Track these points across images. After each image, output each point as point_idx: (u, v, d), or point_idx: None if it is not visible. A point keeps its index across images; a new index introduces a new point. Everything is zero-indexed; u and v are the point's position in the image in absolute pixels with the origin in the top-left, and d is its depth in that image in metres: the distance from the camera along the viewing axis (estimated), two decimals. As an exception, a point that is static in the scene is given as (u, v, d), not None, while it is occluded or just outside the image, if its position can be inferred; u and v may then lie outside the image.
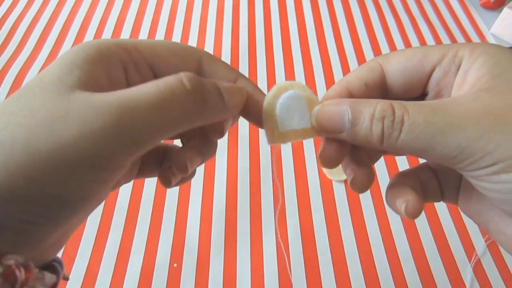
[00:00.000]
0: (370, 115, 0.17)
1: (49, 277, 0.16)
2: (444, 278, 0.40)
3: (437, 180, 0.22)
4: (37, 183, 0.13)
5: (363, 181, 0.20)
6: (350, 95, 0.20)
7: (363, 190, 0.21)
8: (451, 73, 0.18)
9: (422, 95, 0.20)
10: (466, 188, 0.21)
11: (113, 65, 0.17)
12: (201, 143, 0.22)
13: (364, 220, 0.43)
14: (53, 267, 0.17)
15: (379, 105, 0.17)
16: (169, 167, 0.22)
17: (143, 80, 0.18)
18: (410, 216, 0.19)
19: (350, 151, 0.21)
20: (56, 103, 0.14)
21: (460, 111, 0.16)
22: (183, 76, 0.16)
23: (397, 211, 0.20)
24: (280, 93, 0.20)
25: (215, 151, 0.23)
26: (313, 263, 0.40)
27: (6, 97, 0.54)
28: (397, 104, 0.17)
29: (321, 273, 0.40)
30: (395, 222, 0.43)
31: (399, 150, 0.17)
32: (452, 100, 0.17)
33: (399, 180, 0.21)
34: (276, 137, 0.20)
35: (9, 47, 0.61)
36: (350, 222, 0.43)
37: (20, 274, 0.14)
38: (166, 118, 0.15)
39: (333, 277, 0.39)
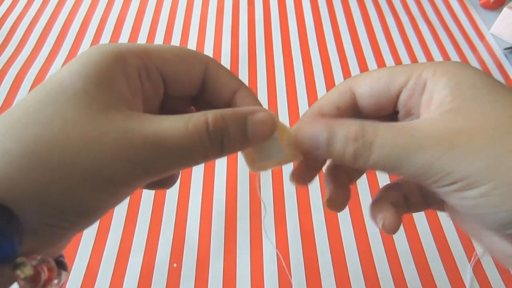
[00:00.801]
0: (343, 137, 0.18)
1: (64, 274, 0.17)
2: (444, 278, 0.40)
3: (421, 192, 0.23)
4: (71, 194, 0.15)
5: (339, 200, 0.22)
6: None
7: (339, 209, 0.23)
8: (416, 94, 0.19)
9: (394, 113, 0.21)
10: None
11: (129, 74, 0.18)
12: None
13: (364, 220, 0.43)
14: (61, 263, 0.18)
15: (351, 127, 0.18)
16: None
17: (153, 85, 0.19)
18: (387, 232, 0.21)
19: (330, 171, 0.23)
20: (91, 121, 0.15)
21: (423, 133, 0.17)
22: (210, 120, 0.17)
23: (377, 225, 0.22)
24: None
25: None
26: (313, 264, 0.40)
27: (6, 97, 0.54)
28: (368, 126, 0.18)
29: (321, 274, 0.40)
30: (395, 222, 0.43)
31: (372, 169, 0.18)
32: (418, 122, 0.18)
33: (382, 195, 0.23)
34: (256, 169, 0.21)
35: (9, 47, 0.61)
36: (350, 223, 0.43)
37: (44, 274, 0.15)
38: (188, 158, 0.17)
39: (333, 277, 0.39)
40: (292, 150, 0.20)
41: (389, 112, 0.21)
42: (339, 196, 0.22)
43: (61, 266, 0.18)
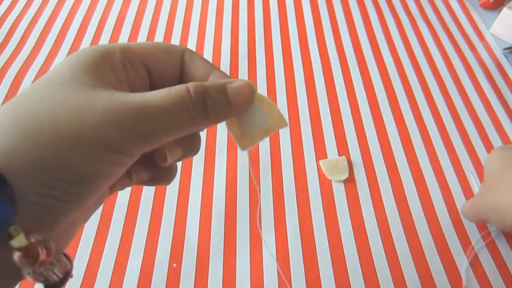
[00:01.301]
0: None
1: (65, 261, 0.17)
2: (444, 279, 0.40)
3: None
4: (63, 159, 0.15)
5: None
6: None
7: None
8: None
9: None
10: None
11: (115, 65, 0.19)
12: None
13: (363, 220, 0.43)
14: (66, 256, 0.18)
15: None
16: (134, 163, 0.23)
17: (139, 75, 0.21)
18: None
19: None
20: (80, 96, 0.17)
21: None
22: (190, 86, 0.18)
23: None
24: None
25: (198, 146, 0.24)
26: (313, 264, 0.40)
27: (6, 96, 0.54)
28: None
29: (320, 274, 0.40)
30: (395, 222, 0.43)
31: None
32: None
33: None
34: (245, 144, 0.22)
35: (8, 47, 0.61)
36: (350, 223, 0.43)
37: (42, 253, 0.15)
38: (175, 121, 0.18)
39: (333, 277, 0.39)
40: (276, 118, 0.21)
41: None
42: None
43: (66, 258, 0.18)
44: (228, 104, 0.19)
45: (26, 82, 0.56)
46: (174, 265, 0.40)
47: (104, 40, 0.63)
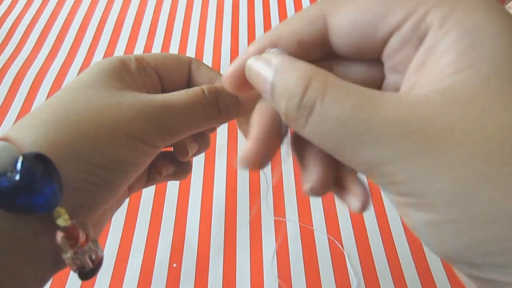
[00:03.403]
0: (284, 86, 0.13)
1: (101, 250, 0.18)
2: (444, 278, 0.40)
3: None
4: (100, 148, 0.17)
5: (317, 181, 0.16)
6: None
7: (318, 193, 0.16)
8: (410, 46, 0.13)
9: (377, 62, 0.15)
10: None
11: (133, 73, 0.21)
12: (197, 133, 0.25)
13: (363, 220, 0.43)
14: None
15: (294, 73, 0.13)
16: (161, 159, 0.25)
17: (152, 82, 0.23)
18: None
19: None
20: (110, 95, 0.19)
21: (387, 117, 0.12)
22: (205, 88, 0.21)
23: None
24: None
25: (209, 142, 0.27)
26: (313, 264, 0.40)
27: (6, 96, 0.54)
28: (317, 79, 0.12)
29: (320, 274, 0.40)
30: (395, 222, 0.43)
31: (310, 140, 0.14)
32: (387, 97, 0.12)
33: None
34: None
35: (9, 47, 0.61)
36: (350, 222, 0.43)
37: (82, 235, 0.17)
38: (193, 117, 0.20)
39: (333, 278, 0.39)
40: None
41: (372, 57, 0.15)
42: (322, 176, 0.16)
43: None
44: (238, 102, 0.22)
45: (26, 82, 0.56)
46: (174, 265, 0.40)
47: (104, 40, 0.63)
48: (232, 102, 0.22)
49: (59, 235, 0.16)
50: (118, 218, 0.43)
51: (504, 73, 0.11)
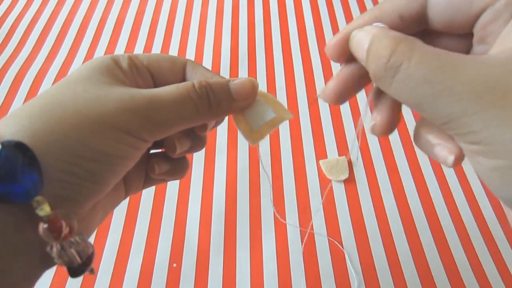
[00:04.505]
0: (375, 50, 0.16)
1: (91, 247, 0.18)
2: (444, 278, 0.40)
3: None
4: (84, 139, 0.17)
5: (385, 124, 0.19)
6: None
7: (385, 133, 0.20)
8: (501, 20, 0.15)
9: (469, 34, 0.18)
10: None
11: (124, 70, 0.21)
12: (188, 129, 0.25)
13: (363, 220, 0.43)
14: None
15: (385, 40, 0.15)
16: (155, 156, 0.25)
17: (145, 81, 0.22)
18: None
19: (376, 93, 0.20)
20: (98, 89, 0.18)
21: (468, 76, 0.14)
22: (196, 82, 0.20)
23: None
24: None
25: (204, 140, 0.26)
26: (313, 263, 0.40)
27: (6, 96, 0.54)
28: (404, 44, 0.15)
29: (320, 274, 0.40)
30: (395, 221, 0.43)
31: (395, 97, 0.16)
32: (471, 58, 0.14)
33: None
34: (255, 138, 0.23)
35: (9, 47, 0.61)
36: (350, 222, 0.43)
37: (65, 227, 0.16)
38: (182, 111, 0.20)
39: (333, 278, 0.39)
40: (281, 110, 0.23)
41: (464, 31, 0.17)
42: (385, 119, 0.19)
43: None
44: (231, 98, 0.21)
45: (26, 82, 0.56)
46: (174, 265, 0.40)
47: (104, 40, 0.63)
48: (224, 97, 0.21)
49: (41, 226, 0.16)
50: (118, 218, 0.43)
51: None
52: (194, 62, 0.24)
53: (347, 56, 0.19)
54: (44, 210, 0.16)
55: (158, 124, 0.19)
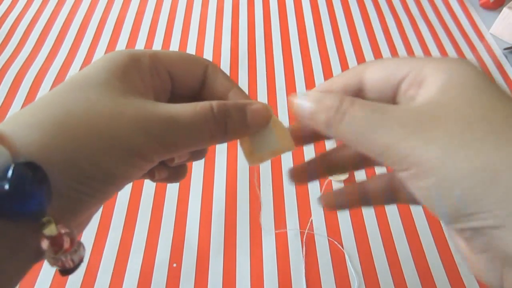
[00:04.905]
0: (325, 105, 0.19)
1: (83, 249, 0.18)
2: (444, 278, 0.40)
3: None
4: (95, 160, 0.17)
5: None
6: None
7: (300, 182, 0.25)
8: (415, 86, 0.19)
9: (396, 103, 0.22)
10: None
11: (143, 71, 0.21)
12: None
13: (363, 220, 0.43)
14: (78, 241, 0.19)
15: (333, 97, 0.19)
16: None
17: (163, 82, 0.22)
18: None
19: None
20: (112, 101, 0.18)
21: (396, 114, 0.17)
22: (214, 105, 0.20)
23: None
24: None
25: (204, 153, 0.26)
26: (313, 263, 0.40)
27: (6, 96, 0.54)
28: (347, 98, 0.19)
29: (320, 273, 0.40)
30: (395, 222, 0.43)
31: (342, 140, 0.19)
32: (396, 106, 0.18)
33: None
34: (254, 160, 0.23)
35: (9, 47, 0.61)
36: (350, 223, 0.43)
37: (66, 242, 0.16)
38: (197, 135, 0.19)
39: (333, 278, 0.39)
40: (286, 141, 0.23)
41: (390, 102, 0.21)
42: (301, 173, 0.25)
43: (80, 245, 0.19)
44: (246, 124, 0.21)
45: (26, 82, 0.56)
46: (174, 265, 0.40)
47: (104, 40, 0.63)
48: (240, 123, 0.21)
49: (45, 242, 0.16)
50: (118, 218, 0.43)
51: (464, 92, 0.17)
52: (215, 66, 0.24)
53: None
54: (50, 230, 0.16)
55: (171, 147, 0.19)
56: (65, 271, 0.17)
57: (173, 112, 0.19)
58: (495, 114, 0.16)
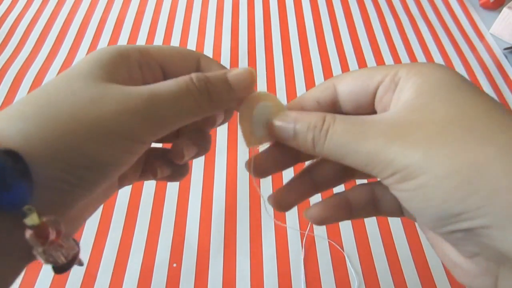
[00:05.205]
0: (307, 125, 0.19)
1: (76, 246, 0.18)
2: (444, 279, 0.40)
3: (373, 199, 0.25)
4: (80, 147, 0.16)
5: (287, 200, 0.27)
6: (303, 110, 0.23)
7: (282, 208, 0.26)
8: (390, 91, 0.20)
9: (373, 112, 0.22)
10: None
11: (131, 65, 0.20)
12: (196, 135, 0.24)
13: (363, 220, 0.43)
14: (74, 241, 0.19)
15: (315, 116, 0.19)
16: (158, 159, 0.25)
17: (155, 77, 0.22)
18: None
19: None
20: (94, 88, 0.18)
21: (375, 124, 0.18)
22: (194, 76, 0.20)
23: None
24: (254, 103, 0.23)
25: (209, 145, 0.26)
26: (313, 263, 0.40)
27: (6, 96, 0.54)
28: (328, 115, 0.19)
29: (320, 273, 0.40)
30: (395, 222, 0.43)
31: (328, 157, 0.19)
32: (375, 116, 0.18)
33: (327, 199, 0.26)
34: (252, 141, 0.23)
35: (9, 47, 0.61)
36: (350, 223, 0.43)
37: (52, 233, 0.16)
38: (183, 107, 0.19)
39: (333, 278, 0.39)
40: None
41: (368, 110, 0.22)
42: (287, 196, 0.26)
43: (75, 243, 0.19)
44: (230, 89, 0.21)
45: (26, 82, 0.56)
46: (174, 265, 0.40)
47: (104, 40, 0.63)
48: (224, 88, 0.21)
49: (28, 233, 0.15)
50: (118, 218, 0.43)
51: (439, 93, 0.17)
52: (207, 57, 0.23)
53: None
54: (32, 219, 0.15)
55: (158, 121, 0.18)
56: (59, 269, 0.17)
57: (155, 88, 0.19)
58: (472, 111, 0.16)
